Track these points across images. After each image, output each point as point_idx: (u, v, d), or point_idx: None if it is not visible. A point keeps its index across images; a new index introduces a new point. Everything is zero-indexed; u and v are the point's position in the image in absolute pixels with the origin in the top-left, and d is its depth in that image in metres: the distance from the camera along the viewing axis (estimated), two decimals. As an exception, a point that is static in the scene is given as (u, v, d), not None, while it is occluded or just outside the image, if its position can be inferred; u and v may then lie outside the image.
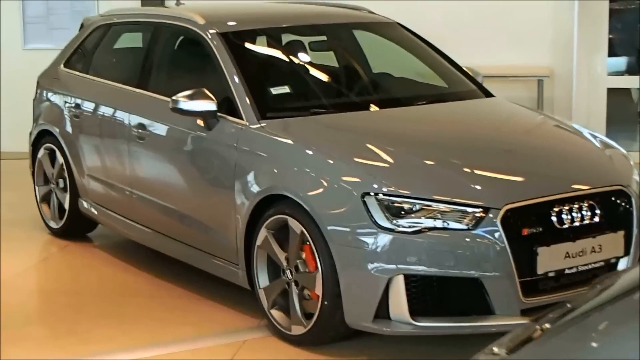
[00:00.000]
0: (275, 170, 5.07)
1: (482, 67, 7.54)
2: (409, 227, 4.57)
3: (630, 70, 9.94)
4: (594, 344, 2.28)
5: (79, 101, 6.66)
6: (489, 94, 6.07)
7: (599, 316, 2.41)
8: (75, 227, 6.82)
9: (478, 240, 4.54)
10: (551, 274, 4.65)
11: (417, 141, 5.27)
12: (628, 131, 9.89)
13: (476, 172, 4.82)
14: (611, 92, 9.24)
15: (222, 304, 5.50)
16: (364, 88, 6.19)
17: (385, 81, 6.23)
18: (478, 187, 4.71)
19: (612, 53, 9.46)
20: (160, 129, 5.87)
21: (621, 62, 10.06)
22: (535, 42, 9.13)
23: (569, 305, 2.60)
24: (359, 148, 5.02)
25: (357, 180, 4.76)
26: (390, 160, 4.89)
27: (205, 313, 5.41)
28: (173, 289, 5.80)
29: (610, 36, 9.35)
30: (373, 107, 5.67)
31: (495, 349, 2.53)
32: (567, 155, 5.23)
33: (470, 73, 6.23)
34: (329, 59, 6.43)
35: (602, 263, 4.80)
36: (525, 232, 4.60)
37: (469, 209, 4.58)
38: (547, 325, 2.50)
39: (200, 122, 5.47)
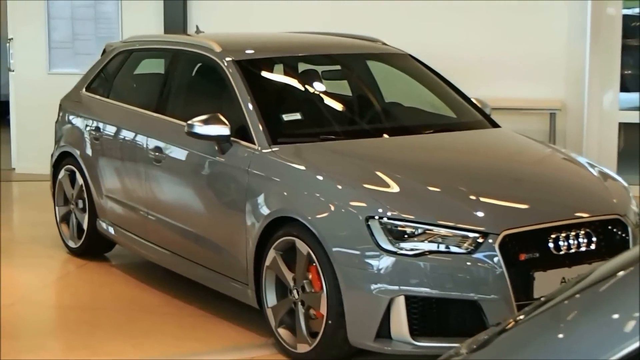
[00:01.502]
0: (285, 194, 5.26)
1: (495, 99, 7.75)
2: (411, 250, 4.75)
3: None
4: (560, 335, 2.40)
5: (99, 124, 6.88)
6: (495, 125, 6.25)
7: (568, 306, 2.52)
8: (93, 246, 7.02)
9: (477, 264, 4.71)
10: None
11: (423, 168, 5.45)
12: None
13: (480, 199, 4.99)
14: (625, 127, 9.38)
15: (231, 322, 5.68)
16: (374, 116, 6.39)
17: (396, 110, 6.43)
18: (479, 214, 4.89)
19: (624, 88, 9.60)
20: (176, 152, 6.07)
21: (634, 97, 10.19)
22: (549, 76, 9.30)
23: (544, 298, 2.74)
24: (368, 174, 5.21)
25: (363, 205, 4.94)
26: (396, 186, 5.07)
27: (215, 330, 5.59)
28: (185, 307, 5.99)
29: (623, 72, 9.52)
30: (383, 135, 5.86)
31: (461, 349, 2.68)
32: (565, 184, 5.40)
33: (478, 104, 6.41)
34: (343, 88, 6.63)
35: (598, 289, 4.94)
36: (523, 257, 4.77)
37: (469, 234, 4.75)
38: (521, 317, 2.65)
39: (215, 146, 5.67)
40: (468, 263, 4.71)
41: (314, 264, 4.99)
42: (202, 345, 5.39)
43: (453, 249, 4.75)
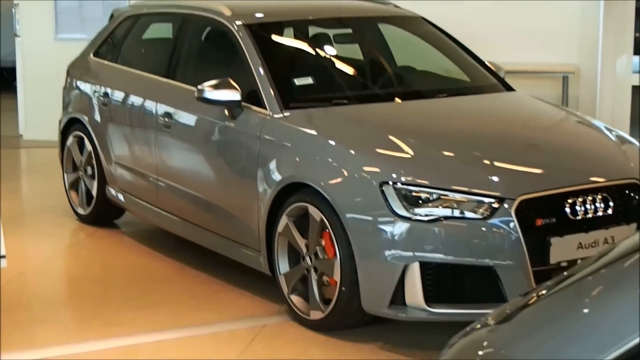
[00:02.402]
0: (297, 159, 5.19)
1: (508, 64, 7.62)
2: (426, 216, 4.68)
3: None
4: (585, 310, 2.36)
5: (107, 90, 6.80)
6: (510, 88, 6.16)
7: (593, 281, 2.48)
8: (102, 214, 6.97)
9: (493, 230, 4.64)
10: (563, 264, 4.74)
11: (437, 133, 5.37)
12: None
13: (495, 164, 4.92)
14: (638, 90, 9.29)
15: (244, 290, 5.63)
16: (387, 81, 6.30)
17: (409, 74, 6.34)
18: (495, 179, 4.81)
19: (637, 51, 9.48)
20: (186, 118, 6.00)
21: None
22: (562, 41, 9.17)
23: (566, 273, 2.68)
24: (381, 139, 5.14)
25: (377, 170, 4.87)
26: (410, 152, 5.00)
27: (227, 299, 5.54)
28: (197, 275, 5.94)
29: (636, 35, 9.40)
30: (395, 99, 5.77)
31: (489, 320, 2.62)
32: (582, 148, 5.32)
33: (492, 68, 6.32)
34: (354, 52, 6.54)
35: (615, 255, 4.88)
36: (539, 222, 4.70)
37: (485, 199, 4.68)
38: (544, 292, 2.59)
39: (225, 111, 5.59)
40: (483, 229, 4.64)
41: (327, 231, 4.93)
42: (214, 314, 5.33)
43: (468, 214, 4.68)
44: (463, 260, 4.65)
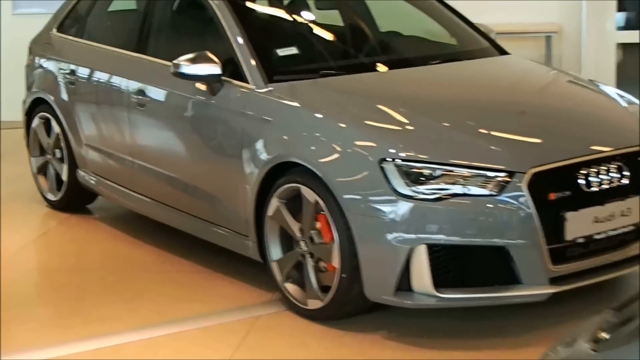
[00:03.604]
0: (285, 137, 4.81)
1: (488, 25, 7.27)
2: (430, 194, 4.33)
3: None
4: None
5: (73, 67, 6.37)
6: (503, 52, 5.81)
7: None
8: (74, 199, 6.57)
9: (503, 206, 4.30)
10: (580, 240, 4.43)
11: (430, 103, 5.02)
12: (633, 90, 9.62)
13: (496, 134, 4.60)
14: (622, 47, 9.00)
15: (233, 278, 5.27)
16: (373, 48, 5.91)
17: (395, 41, 5.96)
18: (501, 151, 4.47)
19: (621, 8, 9.17)
20: (161, 95, 5.60)
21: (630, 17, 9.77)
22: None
23: None
24: (370, 110, 4.78)
25: (372, 145, 4.52)
26: (405, 122, 4.66)
27: (215, 288, 5.18)
28: (181, 263, 5.56)
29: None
30: (383, 68, 5.40)
31: (583, 344, 2.25)
32: (592, 114, 4.99)
33: (482, 30, 5.96)
34: (335, 18, 6.15)
35: (632, 227, 4.58)
36: (552, 196, 4.37)
37: (493, 174, 4.34)
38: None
39: (203, 87, 5.20)
40: (493, 206, 4.30)
41: (323, 213, 4.57)
42: (202, 305, 4.96)
43: (476, 191, 4.33)
44: (473, 240, 4.31)
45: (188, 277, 5.36)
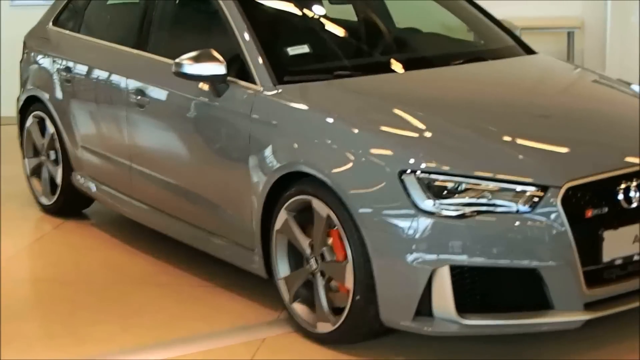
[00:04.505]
0: (295, 144, 4.42)
1: (507, 19, 6.89)
2: (455, 209, 3.94)
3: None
4: None
5: (70, 64, 5.98)
6: (530, 51, 5.40)
7: None
8: (69, 203, 6.18)
9: (535, 224, 3.90)
10: (618, 262, 4.03)
11: (453, 107, 4.60)
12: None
13: (525, 143, 4.20)
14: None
15: (236, 293, 4.89)
16: (390, 46, 5.48)
17: (414, 38, 5.54)
18: (532, 162, 4.07)
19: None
20: (162, 96, 5.21)
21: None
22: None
23: None
24: (386, 114, 4.41)
25: (389, 153, 4.13)
26: (424, 128, 4.28)
27: (219, 305, 4.80)
28: (182, 275, 5.18)
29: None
30: (401, 69, 4.98)
31: None
32: (631, 122, 4.57)
33: (507, 26, 5.56)
34: (348, 14, 5.74)
35: (675, 247, 4.18)
36: (589, 213, 3.97)
37: (525, 188, 3.94)
38: None
39: (207, 87, 4.81)
40: (525, 223, 3.90)
41: (336, 228, 4.18)
42: (204, 324, 4.58)
43: (505, 207, 3.93)
44: (501, 262, 3.91)
45: (189, 291, 4.98)
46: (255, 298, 4.81)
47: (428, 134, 4.27)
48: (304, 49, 4.98)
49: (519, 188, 3.94)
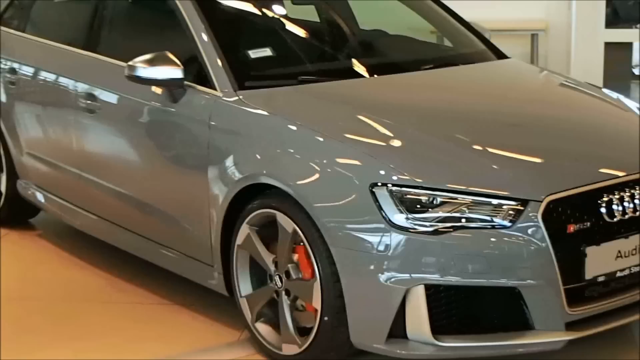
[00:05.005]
0: (257, 153, 4.14)
1: (471, 21, 6.68)
2: (429, 225, 3.69)
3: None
4: None
5: (15, 65, 5.64)
6: (502, 55, 5.18)
7: None
8: (14, 212, 5.86)
9: (515, 240, 3.67)
10: (601, 279, 3.81)
11: (425, 115, 4.36)
12: (623, 89, 9.10)
13: (506, 154, 3.97)
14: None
15: (198, 313, 4.61)
16: (357, 50, 5.22)
17: (381, 41, 5.28)
18: (510, 174, 3.84)
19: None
20: (114, 100, 4.90)
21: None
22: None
23: None
24: (352, 121, 4.16)
25: (357, 163, 3.87)
26: (393, 137, 4.04)
27: (177, 324, 4.52)
28: (136, 292, 4.88)
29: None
30: (370, 74, 4.73)
31: None
32: (612, 130, 4.37)
33: (477, 29, 5.34)
34: (310, 14, 5.48)
35: (657, 261, 3.98)
36: (571, 228, 3.74)
37: (504, 202, 3.71)
38: None
39: (163, 92, 4.52)
40: (504, 240, 3.67)
41: (302, 244, 3.91)
42: (161, 345, 4.29)
43: (483, 222, 3.70)
44: (479, 282, 3.68)
45: (145, 310, 4.70)
46: (216, 317, 4.54)
47: (398, 143, 4.03)
48: (267, 52, 4.71)
49: (497, 202, 3.71)
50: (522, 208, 3.69)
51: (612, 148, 4.17)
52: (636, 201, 3.88)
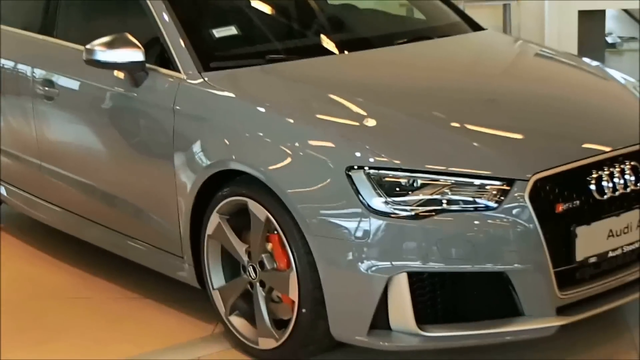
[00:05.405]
0: (226, 139, 3.92)
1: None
2: (410, 209, 3.49)
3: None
4: None
5: (-32, 52, 5.39)
6: (477, 27, 4.97)
7: None
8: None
9: (501, 223, 3.48)
10: (592, 260, 3.63)
11: (400, 93, 4.15)
12: (597, 58, 8.93)
13: (488, 131, 3.78)
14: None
15: (169, 307, 4.41)
16: (327, 26, 4.96)
17: (351, 16, 5.06)
18: (493, 152, 3.64)
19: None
20: (73, 86, 4.66)
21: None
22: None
23: None
24: (325, 102, 3.97)
25: (331, 145, 3.66)
26: (367, 117, 3.83)
27: (147, 320, 4.32)
28: (105, 287, 4.67)
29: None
30: (341, 50, 4.51)
31: None
32: (599, 104, 4.18)
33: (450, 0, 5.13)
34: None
35: (649, 239, 3.80)
36: (560, 208, 3.55)
37: (488, 182, 3.51)
38: None
39: (124, 76, 4.30)
40: (489, 222, 3.47)
41: (276, 233, 3.70)
42: (131, 346, 4.07)
43: (467, 204, 3.50)
44: (463, 267, 3.49)
45: (114, 306, 4.48)
46: (188, 311, 4.33)
47: (373, 123, 3.83)
48: (232, 30, 4.48)
49: (481, 182, 3.51)
50: (507, 188, 3.50)
51: (599, 121, 3.99)
52: (627, 177, 3.70)
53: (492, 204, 3.48)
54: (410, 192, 3.51)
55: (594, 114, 4.05)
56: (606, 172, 3.66)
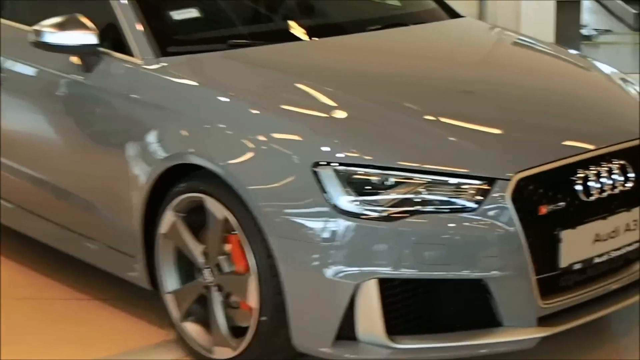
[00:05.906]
0: (183, 129, 3.63)
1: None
2: (382, 209, 3.21)
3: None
4: None
5: None
6: (455, 14, 4.70)
7: None
8: None
9: (480, 225, 3.22)
10: (577, 266, 3.37)
11: (372, 83, 3.88)
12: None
13: (466, 126, 3.52)
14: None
15: (119, 309, 4.12)
16: (295, 10, 4.69)
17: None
18: (473, 149, 3.37)
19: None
20: (21, 71, 4.35)
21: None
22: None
23: None
24: (291, 92, 3.70)
25: (297, 139, 3.38)
26: (337, 108, 3.56)
27: (96, 323, 4.04)
28: (51, 286, 4.37)
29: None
30: (309, 36, 4.24)
31: None
32: (584, 98, 3.92)
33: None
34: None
35: (637, 244, 3.55)
36: (544, 210, 3.29)
37: (466, 181, 3.23)
38: None
39: (75, 60, 4.00)
40: (467, 225, 3.21)
41: (235, 233, 3.42)
42: (78, 350, 3.78)
43: (444, 204, 3.23)
44: (438, 274, 3.22)
45: (61, 307, 4.19)
46: (141, 314, 4.04)
47: (342, 115, 3.55)
48: (192, 12, 4.19)
49: (459, 181, 3.24)
50: (487, 187, 3.24)
51: (587, 115, 3.74)
52: (615, 176, 3.44)
53: (471, 205, 3.22)
54: (381, 191, 3.24)
55: (581, 107, 3.80)
56: (593, 171, 3.40)
